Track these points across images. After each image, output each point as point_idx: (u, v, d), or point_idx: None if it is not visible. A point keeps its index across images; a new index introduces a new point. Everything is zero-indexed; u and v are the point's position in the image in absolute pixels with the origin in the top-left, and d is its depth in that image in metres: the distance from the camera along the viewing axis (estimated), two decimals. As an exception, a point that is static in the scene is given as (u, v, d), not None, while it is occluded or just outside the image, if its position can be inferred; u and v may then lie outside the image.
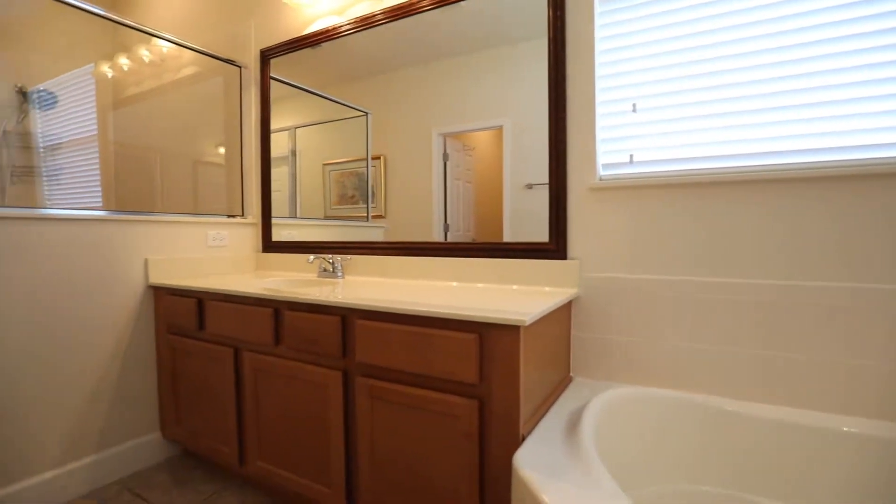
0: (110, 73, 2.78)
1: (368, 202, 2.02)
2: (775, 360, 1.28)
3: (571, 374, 1.56)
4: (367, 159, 2.01)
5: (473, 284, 1.69)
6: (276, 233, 2.31)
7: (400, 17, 1.84)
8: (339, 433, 1.39)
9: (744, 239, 1.31)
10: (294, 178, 2.28)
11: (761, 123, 1.30)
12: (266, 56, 2.27)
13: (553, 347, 1.38)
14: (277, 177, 2.32)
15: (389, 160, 1.96)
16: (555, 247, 1.55)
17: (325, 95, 2.13)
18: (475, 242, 1.74)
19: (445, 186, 1.81)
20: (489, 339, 1.13)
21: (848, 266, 1.20)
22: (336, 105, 2.10)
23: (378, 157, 1.99)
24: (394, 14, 1.85)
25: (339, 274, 1.97)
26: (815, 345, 1.24)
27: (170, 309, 1.87)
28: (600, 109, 1.49)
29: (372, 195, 2.01)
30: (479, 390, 1.15)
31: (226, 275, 2.15)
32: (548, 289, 1.55)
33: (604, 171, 1.51)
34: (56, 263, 1.65)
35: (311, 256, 1.95)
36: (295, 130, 2.26)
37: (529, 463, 1.01)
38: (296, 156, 2.27)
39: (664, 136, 1.42)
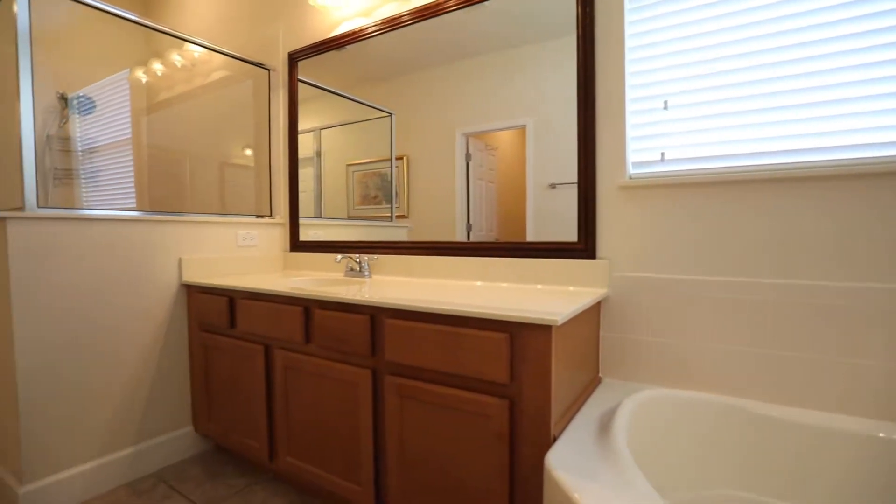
0: (144, 79, 2.87)
1: (393, 202, 2.03)
2: (821, 363, 1.23)
3: (600, 374, 1.54)
4: (391, 160, 2.03)
5: (497, 284, 1.68)
6: (302, 233, 2.35)
7: (427, 17, 1.85)
8: (368, 431, 1.40)
9: (789, 239, 1.27)
10: (319, 178, 2.31)
11: (803, 119, 1.26)
12: (294, 59, 2.31)
13: (583, 348, 1.37)
14: (302, 178, 2.36)
15: (412, 160, 1.97)
16: (583, 246, 1.54)
17: (351, 97, 2.15)
18: (500, 242, 1.73)
19: (468, 186, 1.82)
20: (520, 339, 1.12)
21: None
22: (360, 106, 2.13)
23: (401, 158, 2.00)
24: (420, 15, 1.86)
25: (366, 273, 1.99)
26: (875, 349, 1.17)
27: (202, 307, 1.92)
28: (630, 107, 1.47)
29: (395, 195, 2.02)
30: (510, 390, 1.15)
31: (255, 274, 2.20)
32: (572, 288, 1.54)
33: (634, 170, 1.49)
34: (98, 261, 1.71)
35: (339, 256, 1.98)
36: (320, 132, 2.29)
37: (562, 464, 1.00)
38: (320, 157, 2.30)
39: (698, 133, 1.39)
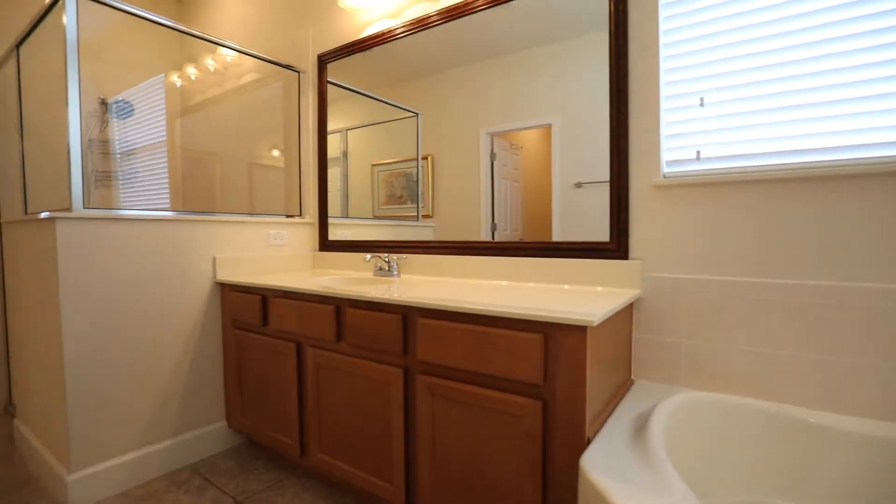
0: (178, 83, 2.96)
1: (419, 202, 2.04)
2: (866, 369, 1.19)
3: (633, 377, 1.52)
4: (417, 159, 2.04)
5: (525, 284, 1.67)
6: (330, 232, 2.39)
7: (455, 17, 1.85)
8: (399, 429, 1.42)
9: (833, 239, 1.22)
10: (345, 178, 2.34)
11: (846, 115, 1.21)
12: (323, 61, 2.34)
13: (616, 349, 1.35)
14: (329, 178, 2.39)
15: (437, 160, 1.98)
16: (615, 246, 1.51)
17: (379, 98, 2.17)
18: (528, 242, 1.72)
19: (493, 186, 1.81)
20: (554, 340, 1.12)
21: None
22: (386, 107, 2.14)
23: (426, 157, 2.01)
24: (449, 15, 1.86)
25: (395, 273, 2.00)
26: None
27: (235, 305, 1.97)
28: (665, 104, 1.45)
29: (420, 195, 2.03)
30: (544, 391, 1.14)
31: (285, 272, 2.24)
32: (600, 289, 1.52)
33: (668, 169, 1.46)
34: (138, 258, 1.78)
35: (368, 255, 2.00)
36: (346, 132, 2.32)
37: (597, 466, 0.99)
38: (347, 157, 2.33)
39: (736, 130, 1.35)
